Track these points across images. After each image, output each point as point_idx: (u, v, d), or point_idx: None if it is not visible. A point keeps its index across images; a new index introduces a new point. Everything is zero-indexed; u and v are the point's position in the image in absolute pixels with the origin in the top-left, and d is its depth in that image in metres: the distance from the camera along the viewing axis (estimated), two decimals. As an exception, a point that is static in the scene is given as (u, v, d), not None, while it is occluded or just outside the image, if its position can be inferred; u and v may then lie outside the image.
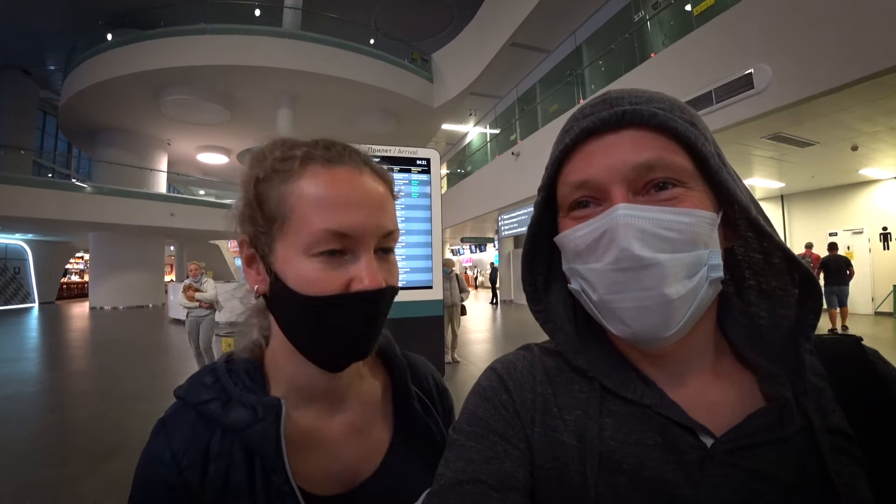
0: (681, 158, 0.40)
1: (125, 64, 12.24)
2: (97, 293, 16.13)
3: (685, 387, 0.44)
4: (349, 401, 0.59)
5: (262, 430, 0.49)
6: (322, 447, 0.55)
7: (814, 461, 0.37)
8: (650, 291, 0.38)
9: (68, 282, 22.95)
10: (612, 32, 9.05)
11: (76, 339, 9.81)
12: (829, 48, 4.27)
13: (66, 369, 6.63)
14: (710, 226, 0.40)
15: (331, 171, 0.49)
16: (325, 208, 0.47)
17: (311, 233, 0.47)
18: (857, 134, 6.37)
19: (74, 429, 4.03)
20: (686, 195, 0.40)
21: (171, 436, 0.50)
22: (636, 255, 0.38)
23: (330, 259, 0.47)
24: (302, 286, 0.47)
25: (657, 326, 0.39)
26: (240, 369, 0.55)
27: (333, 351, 0.51)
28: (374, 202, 0.50)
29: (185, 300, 5.40)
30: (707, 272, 0.39)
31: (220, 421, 0.50)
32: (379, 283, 0.48)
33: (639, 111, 0.40)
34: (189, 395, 0.52)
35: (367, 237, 0.49)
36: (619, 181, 0.40)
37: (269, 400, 0.51)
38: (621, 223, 0.38)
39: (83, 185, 14.80)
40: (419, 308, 4.19)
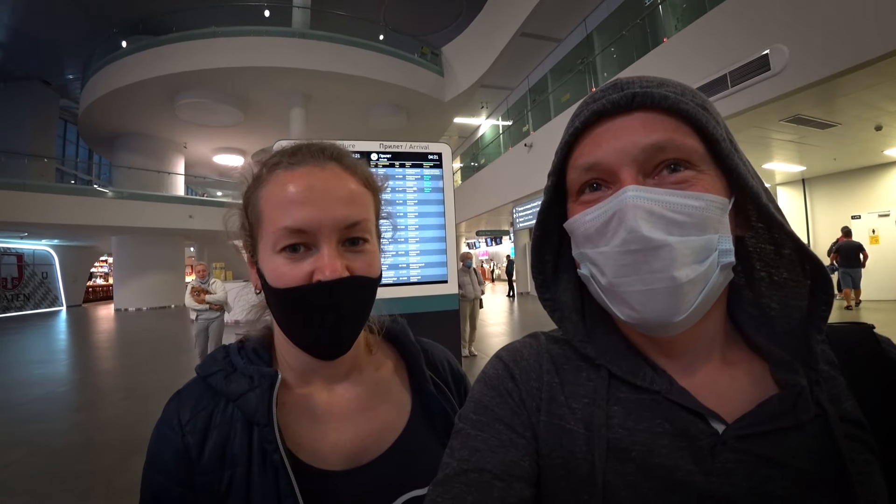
0: (692, 141, 0.39)
1: (140, 70, 12.47)
2: (121, 295, 16.57)
3: (695, 374, 0.43)
4: (354, 380, 0.62)
5: (256, 398, 0.52)
6: (324, 420, 0.58)
7: (827, 449, 0.37)
8: (659, 274, 0.38)
9: (94, 285, 23.55)
10: (624, 18, 8.86)
11: (103, 339, 10.09)
12: (849, 24, 4.13)
13: (93, 369, 6.83)
14: (721, 211, 0.39)
15: (290, 173, 0.53)
16: (282, 207, 0.51)
17: (273, 231, 0.51)
18: (882, 113, 6.16)
19: (103, 425, 4.17)
20: (697, 178, 0.39)
21: (181, 404, 0.55)
22: (645, 236, 0.37)
23: (292, 254, 0.51)
24: (273, 280, 0.51)
25: (666, 311, 0.38)
26: (249, 347, 0.61)
27: (309, 340, 0.54)
28: (333, 196, 0.52)
29: (195, 303, 5.25)
30: (718, 257, 0.38)
31: (222, 390, 0.54)
32: (339, 273, 0.50)
33: (649, 94, 0.40)
34: (202, 368, 0.58)
35: (325, 230, 0.51)
36: (628, 163, 0.40)
37: (266, 370, 0.56)
38: (630, 205, 0.38)
39: (104, 190, 15.16)
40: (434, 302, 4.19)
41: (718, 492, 0.36)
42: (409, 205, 4.23)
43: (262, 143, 17.05)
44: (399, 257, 4.12)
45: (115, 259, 17.33)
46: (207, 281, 5.43)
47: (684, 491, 0.37)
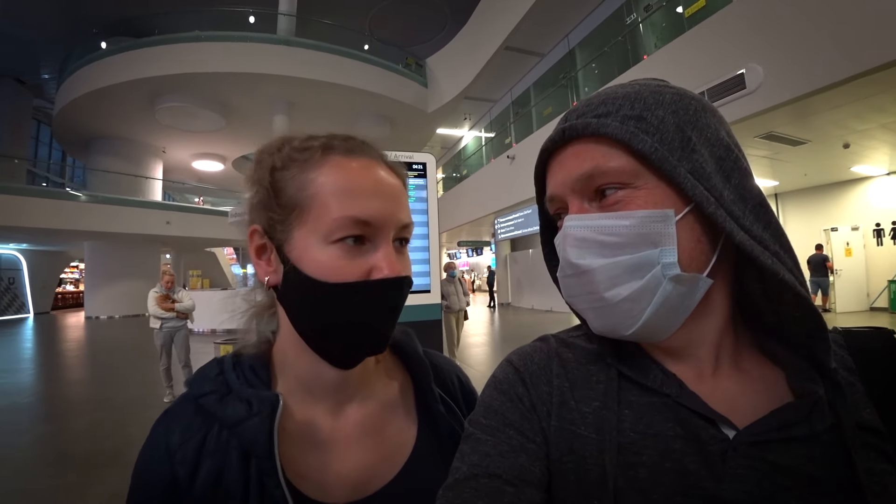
0: (619, 161, 0.40)
1: (120, 72, 12.21)
2: (93, 302, 16.04)
3: (704, 379, 0.43)
4: (362, 400, 0.56)
5: (255, 426, 0.47)
6: (327, 448, 0.53)
7: (842, 458, 0.36)
8: (594, 295, 0.41)
9: (63, 291, 22.81)
10: (605, 35, 9.10)
11: (72, 348, 9.75)
12: (819, 47, 4.31)
13: (62, 379, 6.60)
14: (661, 224, 0.39)
15: (351, 161, 0.49)
16: (347, 196, 0.47)
17: (333, 219, 0.46)
18: (849, 132, 6.42)
19: (72, 438, 4.01)
20: (631, 196, 0.40)
21: (169, 427, 0.49)
22: (573, 262, 0.41)
23: (350, 247, 0.47)
24: (321, 274, 0.46)
25: (615, 325, 0.41)
26: (245, 363, 0.54)
27: (350, 342, 0.49)
28: (393, 193, 0.51)
29: (160, 310, 4.98)
30: (662, 270, 0.38)
31: (215, 414, 0.48)
32: (399, 272, 0.48)
33: (574, 126, 0.42)
34: (193, 386, 0.52)
35: (388, 226, 0.49)
36: (569, 193, 0.43)
37: (265, 394, 0.49)
38: (565, 234, 0.42)
39: (78, 193, 14.70)
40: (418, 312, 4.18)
41: (729, 498, 0.36)
42: (392, 214, 4.23)
43: (243, 149, 16.85)
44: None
45: (88, 265, 16.81)
46: (174, 290, 5.17)
47: (695, 496, 0.37)
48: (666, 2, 7.37)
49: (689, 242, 0.39)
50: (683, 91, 0.44)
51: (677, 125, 0.41)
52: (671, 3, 7.20)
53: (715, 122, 0.43)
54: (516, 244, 17.07)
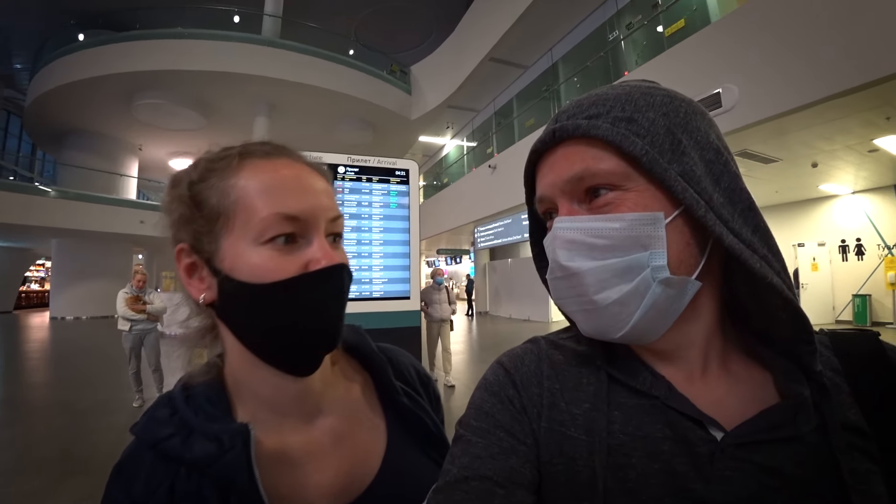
0: (609, 163, 0.40)
1: (98, 65, 11.92)
2: (59, 302, 15.46)
3: (693, 381, 0.43)
4: (327, 407, 0.55)
5: (232, 461, 0.44)
6: (304, 464, 0.52)
7: (828, 459, 0.37)
8: (583, 297, 0.41)
9: (28, 290, 21.99)
10: (588, 50, 9.29)
11: (35, 349, 9.37)
12: (792, 70, 4.49)
13: (23, 382, 6.31)
14: (650, 226, 0.39)
15: (271, 162, 0.49)
16: (272, 194, 0.46)
17: (261, 219, 0.45)
18: (818, 152, 6.69)
19: (34, 443, 3.84)
20: (621, 199, 0.40)
21: (129, 482, 0.45)
22: (562, 265, 0.41)
23: (283, 246, 0.46)
24: (257, 277, 0.45)
25: (604, 328, 0.41)
26: (199, 396, 0.50)
27: (301, 342, 0.47)
28: (318, 188, 0.50)
29: (130, 311, 4.76)
30: (651, 273, 0.38)
31: (182, 457, 0.45)
32: (336, 260, 0.47)
33: (565, 127, 0.42)
34: (144, 432, 0.47)
35: (317, 219, 0.48)
36: (559, 194, 0.43)
37: (235, 427, 0.47)
38: (554, 236, 0.42)
39: (47, 189, 14.21)
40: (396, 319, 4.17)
41: (717, 499, 0.36)
42: (374, 219, 4.21)
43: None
44: (362, 272, 4.08)
45: (55, 263, 16.21)
46: (145, 291, 4.96)
47: (683, 497, 0.37)
48: (647, 21, 7.57)
49: (678, 245, 0.39)
50: (674, 93, 0.44)
51: (668, 128, 0.41)
52: (652, 22, 7.40)
53: (705, 126, 0.43)
54: (495, 253, 17.16)
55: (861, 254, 9.67)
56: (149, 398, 4.97)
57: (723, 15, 5.58)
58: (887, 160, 7.24)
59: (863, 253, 9.64)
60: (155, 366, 4.98)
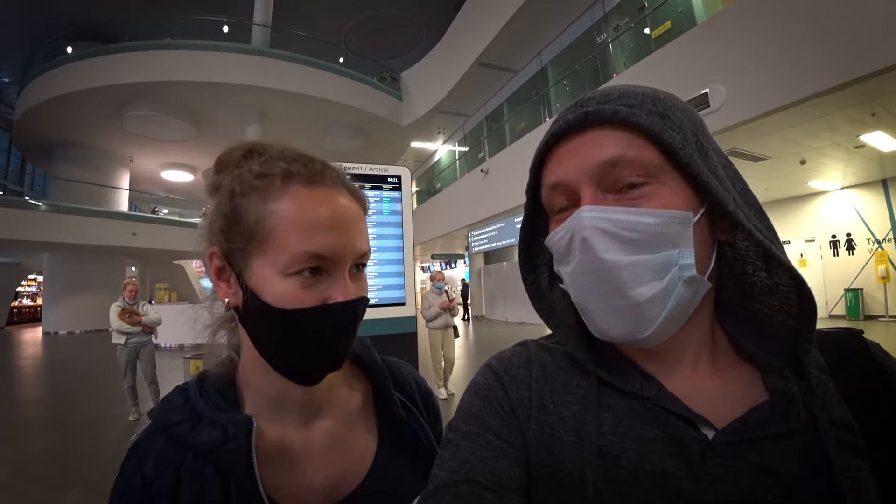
0: (647, 153, 0.39)
1: (87, 78, 11.86)
2: (51, 317, 15.28)
3: (684, 381, 0.43)
4: (327, 411, 0.58)
5: (234, 450, 0.48)
6: (300, 461, 0.55)
7: (818, 455, 0.37)
8: (615, 294, 0.38)
9: (20, 305, 21.76)
10: (577, 53, 9.36)
11: (28, 365, 9.28)
12: (778, 69, 4.55)
13: (17, 398, 6.25)
14: (682, 225, 0.38)
15: (311, 192, 0.49)
16: (304, 230, 0.48)
17: (291, 254, 0.47)
18: (805, 149, 6.77)
19: (31, 459, 3.80)
20: (655, 192, 0.39)
21: (141, 460, 0.49)
22: (598, 257, 0.38)
23: (307, 279, 0.48)
24: (279, 302, 0.47)
25: (630, 329, 0.39)
26: (211, 388, 0.54)
27: (309, 362, 0.51)
28: (351, 224, 0.51)
29: (124, 325, 4.72)
30: (679, 272, 0.38)
31: (190, 442, 0.49)
32: (352, 297, 0.49)
33: (601, 111, 0.40)
34: (160, 417, 0.52)
35: (344, 259, 0.50)
36: (586, 180, 0.40)
37: (239, 418, 0.50)
38: (583, 225, 0.39)
39: (37, 202, 14.09)
40: (391, 325, 4.16)
41: (709, 498, 0.36)
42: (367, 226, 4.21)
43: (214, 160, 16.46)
44: (357, 278, 4.06)
45: (47, 278, 16.05)
46: (137, 302, 4.93)
47: (675, 497, 0.37)
48: (634, 23, 7.65)
49: (699, 245, 0.40)
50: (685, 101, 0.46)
51: (692, 129, 0.41)
52: (639, 24, 7.48)
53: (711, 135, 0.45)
54: (490, 257, 17.16)
55: (852, 249, 9.79)
56: (145, 411, 4.91)
57: (708, 16, 5.64)
58: (874, 156, 7.34)
59: (853, 248, 9.76)
60: (151, 378, 4.93)
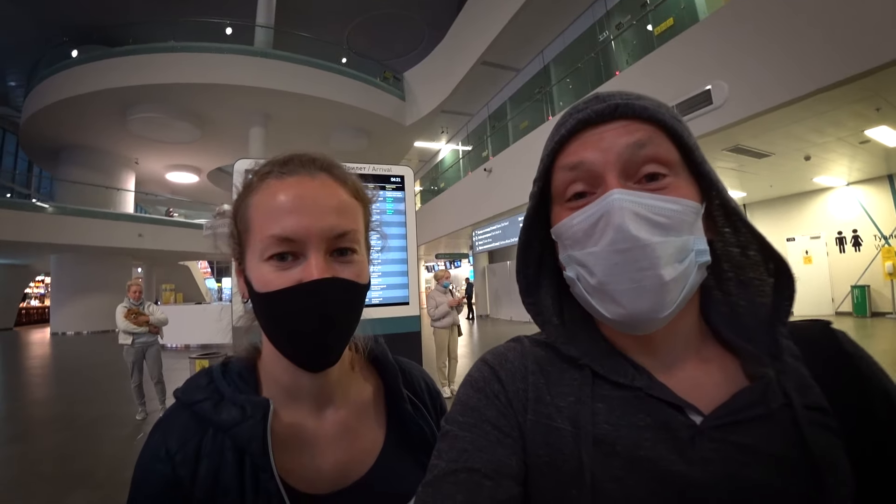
0: (668, 147, 0.43)
1: (92, 81, 11.97)
2: (59, 318, 15.46)
3: (673, 370, 0.46)
4: (339, 402, 0.62)
5: (250, 428, 0.51)
6: (311, 446, 0.58)
7: (796, 435, 0.39)
8: (647, 272, 0.40)
9: (28, 307, 21.96)
10: (579, 51, 9.35)
11: (36, 366, 9.37)
12: (780, 66, 4.54)
13: (26, 398, 6.31)
14: (696, 215, 0.43)
15: (280, 182, 0.53)
16: (270, 216, 0.51)
17: (261, 239, 0.51)
18: (810, 145, 6.73)
19: (38, 459, 3.84)
20: (674, 184, 0.43)
21: (166, 433, 0.53)
22: (633, 235, 0.40)
23: (280, 262, 0.51)
24: (260, 287, 0.51)
25: (652, 307, 0.41)
26: (233, 371, 0.59)
27: (298, 345, 0.52)
28: (322, 206, 0.52)
29: (131, 325, 4.78)
30: (695, 257, 0.42)
31: (211, 420, 0.53)
32: (324, 275, 0.50)
33: (630, 105, 0.43)
34: (185, 395, 0.56)
35: (313, 239, 0.51)
36: (612, 164, 0.42)
37: (257, 399, 0.54)
38: (617, 206, 0.41)
39: (44, 205, 14.21)
40: (395, 324, 4.18)
41: (699, 479, 0.39)
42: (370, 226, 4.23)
43: (218, 161, 16.61)
44: (361, 278, 4.08)
45: (54, 279, 16.23)
46: (143, 302, 4.98)
47: (668, 480, 0.39)
48: (636, 20, 7.63)
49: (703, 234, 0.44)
50: None
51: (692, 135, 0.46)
52: (641, 21, 7.46)
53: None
54: (494, 256, 17.16)
55: (858, 245, 9.72)
56: (152, 411, 4.97)
57: (710, 12, 5.62)
58: (880, 151, 7.30)
59: (860, 244, 9.69)
60: (157, 378, 4.98)
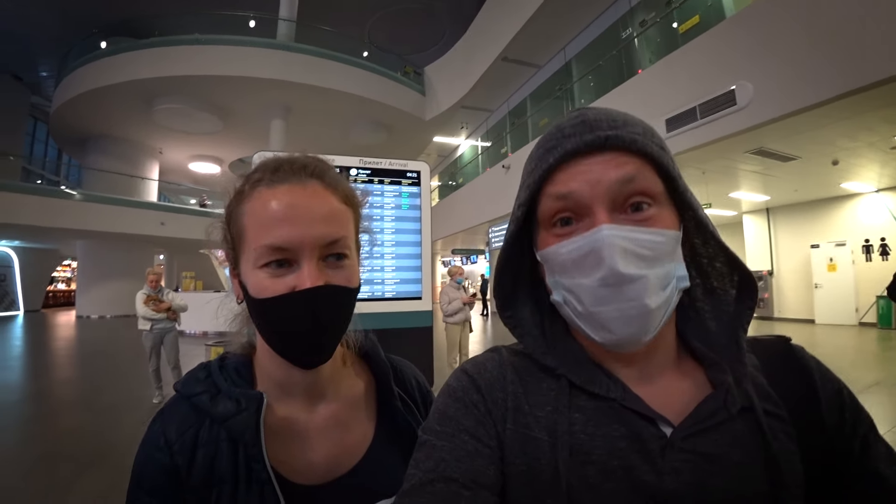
0: (654, 178, 0.44)
1: (119, 72, 12.26)
2: (84, 302, 15.97)
3: (648, 381, 0.47)
4: (331, 397, 0.63)
5: (244, 420, 0.54)
6: (302, 438, 0.60)
7: (757, 441, 0.42)
8: (633, 302, 0.42)
9: (55, 290, 22.63)
10: (601, 48, 9.22)
11: (62, 347, 9.68)
12: (808, 66, 4.41)
13: (51, 378, 6.54)
14: (676, 243, 0.45)
15: (272, 191, 0.54)
16: (263, 225, 0.53)
17: (255, 248, 0.53)
18: (838, 149, 6.53)
19: (59, 437, 3.99)
20: (658, 215, 0.44)
21: (165, 424, 0.56)
22: (622, 273, 0.41)
23: (275, 269, 0.52)
24: (255, 292, 0.53)
25: (638, 332, 0.42)
26: (230, 366, 0.62)
27: (291, 348, 0.55)
28: (314, 215, 0.53)
29: (150, 312, 4.92)
30: (676, 283, 0.44)
31: (208, 411, 0.55)
32: (317, 283, 0.52)
33: (620, 136, 0.43)
34: (184, 388, 0.59)
35: (306, 248, 0.52)
36: (601, 198, 0.43)
37: (252, 393, 0.57)
38: (606, 243, 0.42)
39: (72, 192, 14.64)
40: (408, 319, 4.22)
41: (669, 489, 0.40)
42: (385, 221, 4.26)
43: (240, 152, 16.85)
44: (374, 272, 4.13)
45: (80, 264, 16.73)
46: (161, 290, 5.11)
47: (640, 489, 0.41)
48: (661, 18, 7.50)
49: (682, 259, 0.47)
50: None
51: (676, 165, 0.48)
52: (666, 18, 7.32)
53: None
54: (511, 253, 17.06)
55: (886, 254, 9.42)
56: (168, 395, 5.09)
57: (738, 10, 5.49)
58: (912, 157, 7.05)
59: (888, 253, 9.39)
60: (174, 363, 5.11)
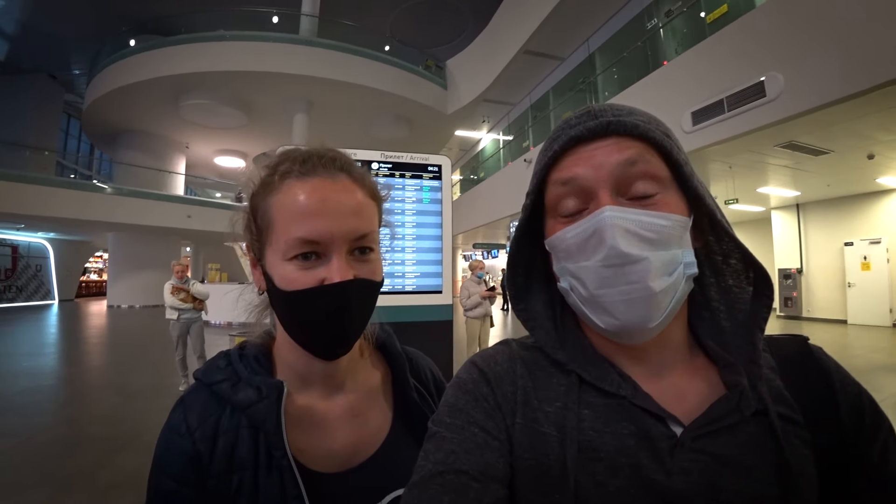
0: (658, 164, 0.44)
1: (147, 69, 12.59)
2: (115, 292, 16.53)
3: (658, 379, 0.46)
4: (349, 387, 0.65)
5: (265, 408, 0.55)
6: (321, 427, 0.61)
7: (770, 444, 0.41)
8: (636, 285, 0.41)
9: (87, 280, 23.46)
10: (625, 40, 9.01)
11: (94, 335, 10.04)
12: (841, 56, 4.24)
13: (83, 364, 6.81)
14: (683, 228, 0.44)
15: (303, 183, 0.55)
16: (296, 218, 0.53)
17: (286, 240, 0.53)
18: (874, 142, 6.28)
19: (91, 421, 4.17)
20: (663, 200, 0.43)
21: (187, 411, 0.56)
22: (623, 252, 0.41)
23: (304, 262, 0.53)
24: (283, 284, 0.54)
25: (642, 317, 0.42)
26: (250, 355, 0.62)
27: (317, 338, 0.56)
28: (344, 209, 0.55)
29: (177, 301, 5.07)
30: (683, 269, 0.43)
31: (229, 399, 0.57)
32: (347, 277, 0.53)
33: (622, 122, 0.44)
34: (205, 376, 0.60)
35: (337, 242, 0.54)
36: (604, 181, 0.43)
37: (272, 381, 0.58)
38: (608, 224, 0.42)
39: (104, 186, 15.17)
40: (428, 312, 4.23)
41: (678, 489, 0.40)
42: (407, 214, 4.28)
43: (263, 146, 17.12)
44: (395, 266, 4.16)
45: (111, 255, 17.30)
46: (188, 281, 5.25)
47: (649, 488, 0.40)
48: (688, 7, 7.30)
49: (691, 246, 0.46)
50: None
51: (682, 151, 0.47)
52: (693, 8, 7.12)
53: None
54: (531, 248, 16.93)
55: (924, 251, 9.04)
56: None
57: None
58: (954, 150, 6.73)
59: (926, 250, 9.01)
60: (200, 353, 5.25)
